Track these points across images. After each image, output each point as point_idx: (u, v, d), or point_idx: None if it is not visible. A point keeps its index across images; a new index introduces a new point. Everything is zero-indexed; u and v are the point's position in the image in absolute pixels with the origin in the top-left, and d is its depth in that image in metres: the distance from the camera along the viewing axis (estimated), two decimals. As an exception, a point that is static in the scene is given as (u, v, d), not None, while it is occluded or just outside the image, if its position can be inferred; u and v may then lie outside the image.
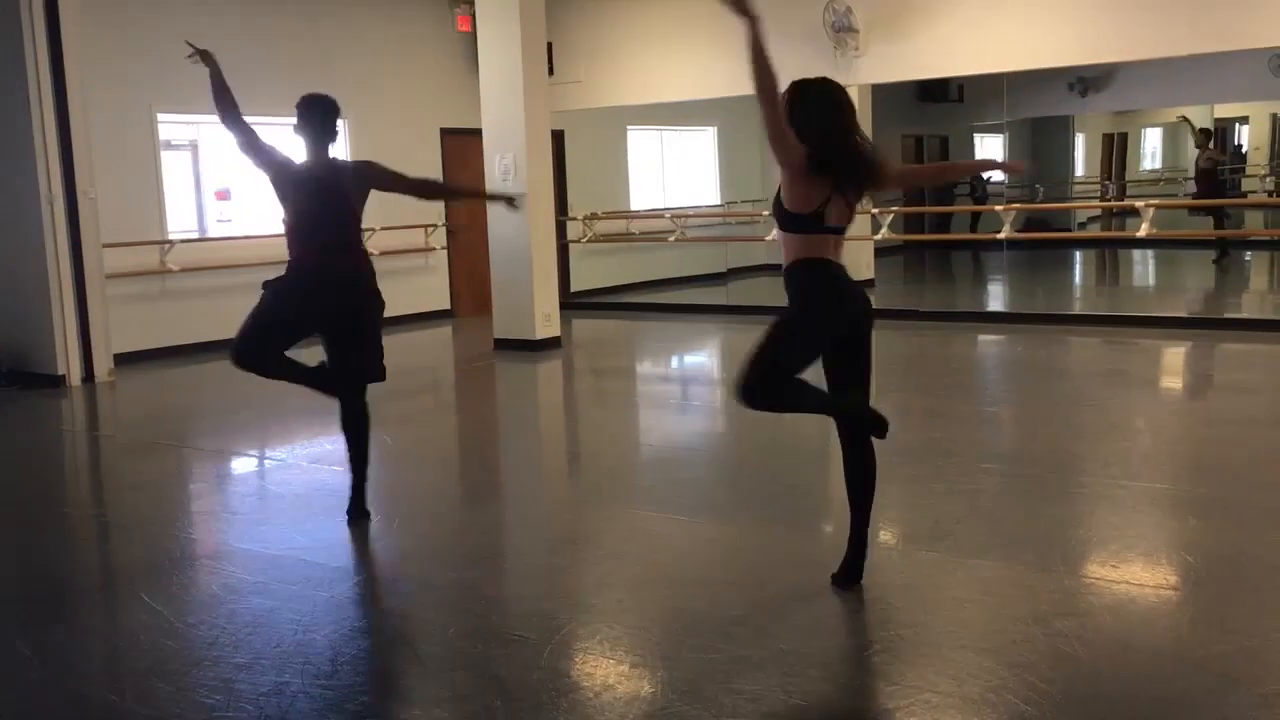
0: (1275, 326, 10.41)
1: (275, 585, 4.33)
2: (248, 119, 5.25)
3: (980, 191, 19.90)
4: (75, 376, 9.17)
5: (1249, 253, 16.96)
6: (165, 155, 10.77)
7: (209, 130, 11.28)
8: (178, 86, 10.64)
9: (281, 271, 5.30)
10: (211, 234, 11.38)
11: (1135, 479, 5.59)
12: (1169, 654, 3.52)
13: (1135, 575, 4.25)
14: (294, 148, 5.31)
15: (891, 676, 3.36)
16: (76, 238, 9.15)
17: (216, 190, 11.51)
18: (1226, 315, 11.21)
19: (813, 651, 3.53)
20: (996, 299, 15.13)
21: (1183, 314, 11.22)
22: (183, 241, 10.81)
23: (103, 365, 9.35)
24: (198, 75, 5.34)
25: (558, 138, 12.54)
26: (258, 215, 11.68)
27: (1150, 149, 31.27)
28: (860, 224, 13.67)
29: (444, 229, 13.10)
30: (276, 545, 4.90)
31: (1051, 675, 3.31)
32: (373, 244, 12.26)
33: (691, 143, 17.04)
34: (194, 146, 11.24)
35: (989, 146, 24.08)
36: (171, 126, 10.87)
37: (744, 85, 3.56)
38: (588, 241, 14.08)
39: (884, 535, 5.14)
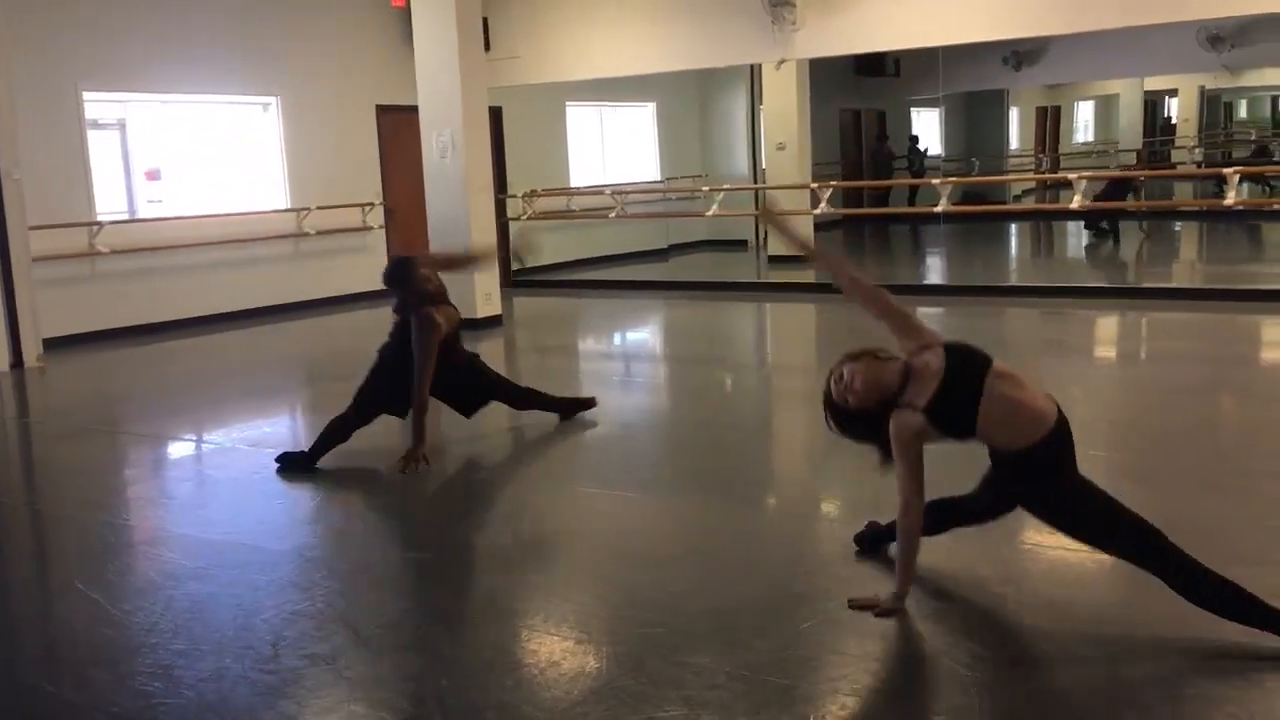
0: (1204, 295, 10.64)
1: (214, 570, 4.27)
2: (178, 96, 5.30)
3: (918, 165, 20.09)
4: (3, 362, 8.95)
5: (1179, 223, 17.25)
6: (92, 134, 10.52)
7: (137, 108, 11.05)
8: (105, 64, 10.41)
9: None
10: (142, 215, 11.15)
11: (1070, 447, 5.68)
12: (1104, 616, 3.59)
13: (1071, 541, 4.32)
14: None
15: (835, 645, 3.39)
16: (1, 220, 8.92)
17: (146, 170, 11.28)
18: (1158, 285, 11.43)
19: (757, 624, 3.55)
20: (935, 272, 15.29)
21: (1117, 284, 11.41)
22: (112, 223, 10.58)
23: (31, 351, 9.14)
24: (125, 51, 5.22)
25: (495, 114, 12.42)
26: (189, 196, 11.49)
27: (1083, 122, 31.76)
28: (799, 199, 13.75)
29: (381, 208, 12.97)
30: (215, 530, 4.83)
31: (991, 639, 3.37)
32: (308, 223, 12.13)
33: (631, 119, 16.99)
34: (122, 125, 10.99)
35: (925, 120, 24.30)
36: (99, 105, 10.62)
37: (683, 61, 3.54)
38: (528, 219, 14.00)
39: (826, 507, 5.19)
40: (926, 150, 21.06)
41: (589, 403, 6.61)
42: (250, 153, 12.02)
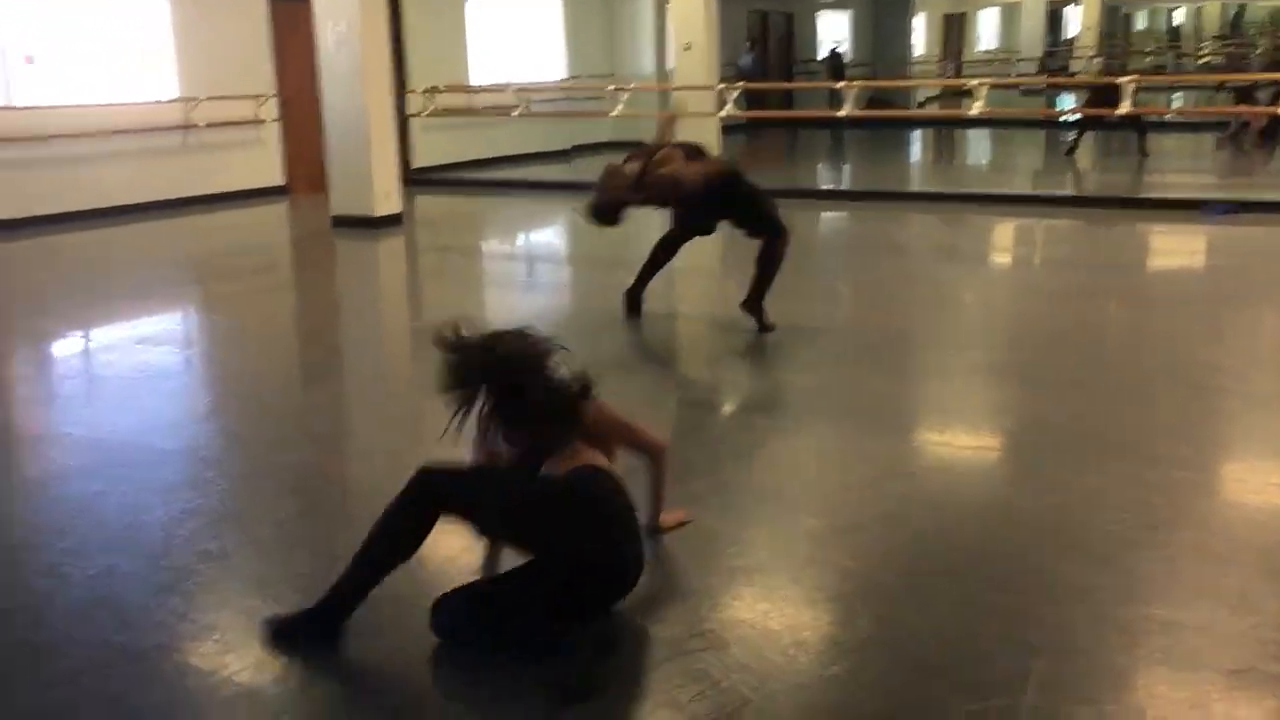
0: (1098, 203, 10.91)
1: (102, 469, 4.17)
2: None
3: (837, 72, 19.98)
4: (-128, 256, 8.54)
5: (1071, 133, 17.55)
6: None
7: (11, -12, 10.44)
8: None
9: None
10: (19, 102, 10.59)
11: (962, 349, 5.82)
12: (988, 509, 3.72)
13: (959, 439, 4.46)
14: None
15: (725, 537, 3.46)
16: None
17: (25, 55, 10.69)
18: (1052, 192, 11.67)
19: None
20: (837, 176, 15.38)
21: (1014, 191, 11.62)
22: (-12, 110, 10.07)
23: (-97, 244, 8.73)
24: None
25: (394, 4, 12.03)
26: (70, 83, 10.96)
27: (987, 30, 32.00)
28: (705, 100, 13.63)
29: (275, 101, 12.53)
30: (103, 429, 4.71)
31: (878, 534, 3.46)
32: (198, 114, 11.68)
33: (536, 13, 16.59)
34: (-6, 6, 10.39)
35: (833, 23, 24.25)
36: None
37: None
38: (429, 115, 13.67)
39: (725, 406, 5.26)
40: (841, 57, 21.02)
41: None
42: (136, 39, 11.48)
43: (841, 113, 12.94)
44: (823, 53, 22.83)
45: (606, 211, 5.82)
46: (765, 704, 2.52)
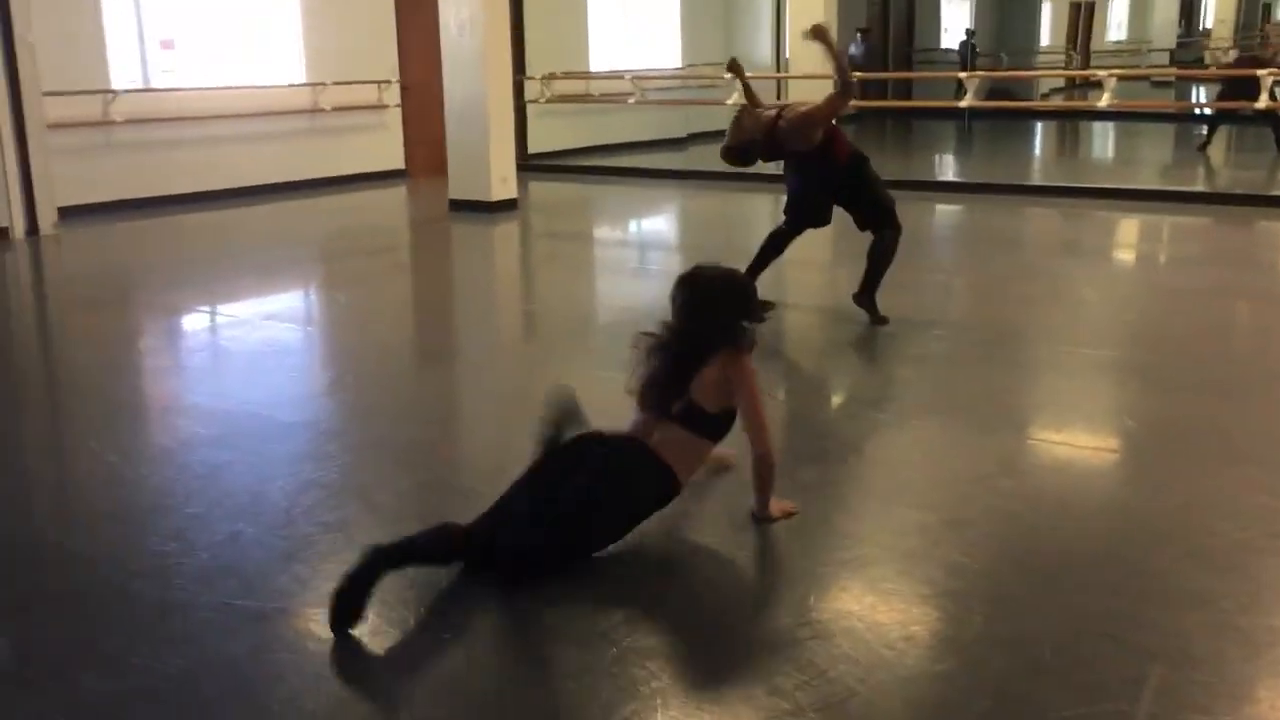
0: (1229, 200, 10.51)
1: (229, 438, 4.33)
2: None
3: (969, 59, 19.46)
4: (19, 229, 8.97)
5: (1203, 127, 16.93)
6: (106, 1, 10.35)
7: (151, -25, 10.85)
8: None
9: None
10: (156, 85, 11.02)
11: (1081, 346, 5.68)
12: (1105, 511, 3.63)
13: (1076, 438, 4.36)
14: None
15: (833, 528, 3.45)
16: (15, 85, 8.84)
17: (161, 40, 11.12)
18: (1181, 188, 11.28)
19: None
20: (956, 168, 15.09)
21: (1140, 186, 11.27)
22: (127, 92, 10.48)
23: (47, 218, 9.14)
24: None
25: (516, -8, 12.18)
26: (203, 67, 11.35)
27: (1117, 20, 31.01)
28: (823, 89, 13.48)
29: (397, 86, 12.80)
30: (230, 400, 4.89)
31: (990, 530, 3.41)
32: (324, 98, 11.99)
33: (655, 1, 16.60)
34: (136, -9, 10.82)
35: (954, 11, 23.75)
36: (112, -30, 10.44)
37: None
38: (546, 102, 13.81)
39: (835, 398, 5.23)
40: (973, 46, 20.53)
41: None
42: (266, 25, 11.84)
43: (962, 104, 12.70)
44: (946, 41, 22.39)
45: (739, 152, 6.04)
46: (872, 696, 2.51)
